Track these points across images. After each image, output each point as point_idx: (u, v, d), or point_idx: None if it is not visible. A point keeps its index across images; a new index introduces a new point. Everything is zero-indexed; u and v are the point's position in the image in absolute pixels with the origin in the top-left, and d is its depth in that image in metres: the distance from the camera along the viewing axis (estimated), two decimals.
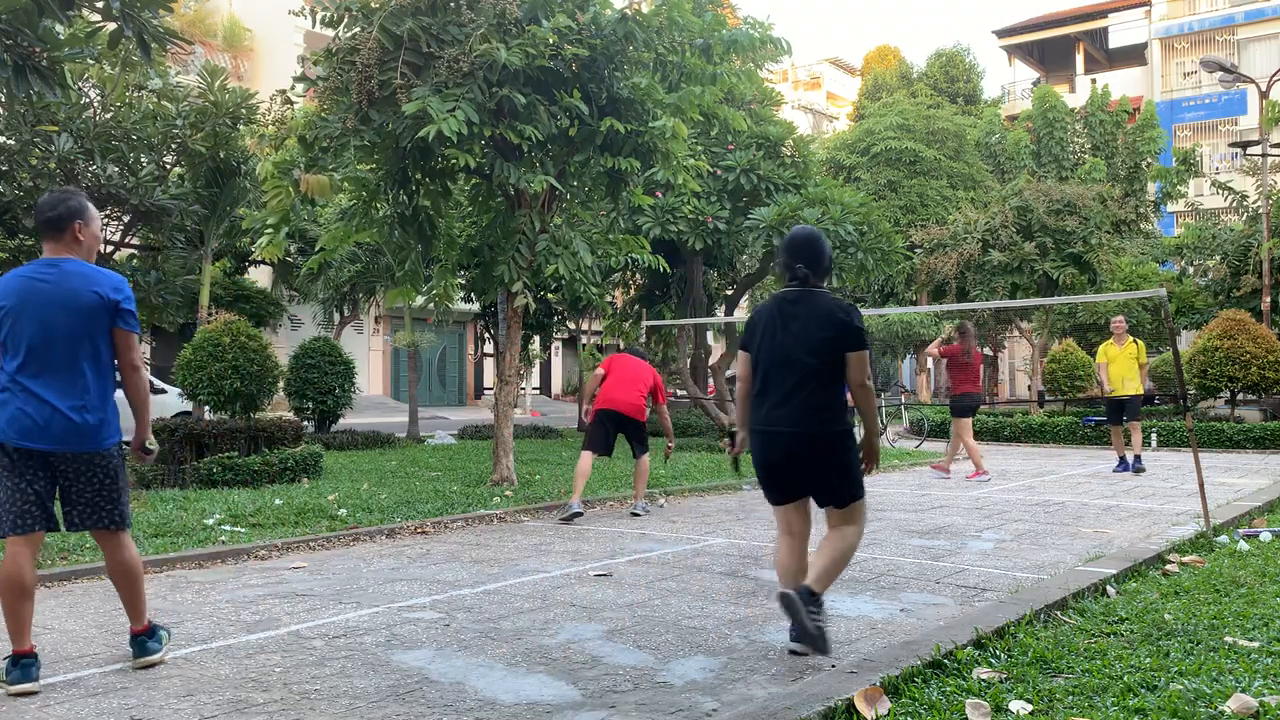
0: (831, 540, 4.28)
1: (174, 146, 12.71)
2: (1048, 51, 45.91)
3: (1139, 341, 12.44)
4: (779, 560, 4.37)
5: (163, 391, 15.12)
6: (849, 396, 4.30)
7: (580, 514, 8.31)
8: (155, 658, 4.10)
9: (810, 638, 3.96)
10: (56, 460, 3.91)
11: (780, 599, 4.08)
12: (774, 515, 4.43)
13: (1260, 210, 19.91)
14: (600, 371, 9.00)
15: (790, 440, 4.19)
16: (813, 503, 4.39)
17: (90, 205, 4.12)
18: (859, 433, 4.37)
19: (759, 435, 4.29)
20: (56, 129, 11.46)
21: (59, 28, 6.48)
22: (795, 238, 4.39)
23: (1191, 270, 22.97)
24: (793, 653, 4.17)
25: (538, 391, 37.87)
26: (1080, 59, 44.32)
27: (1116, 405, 12.41)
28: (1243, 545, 6.50)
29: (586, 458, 8.64)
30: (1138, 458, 12.49)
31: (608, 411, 8.76)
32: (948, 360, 11.97)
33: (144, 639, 4.12)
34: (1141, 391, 12.39)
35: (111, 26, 6.05)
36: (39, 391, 3.85)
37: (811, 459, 4.20)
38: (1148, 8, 41.88)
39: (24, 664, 3.78)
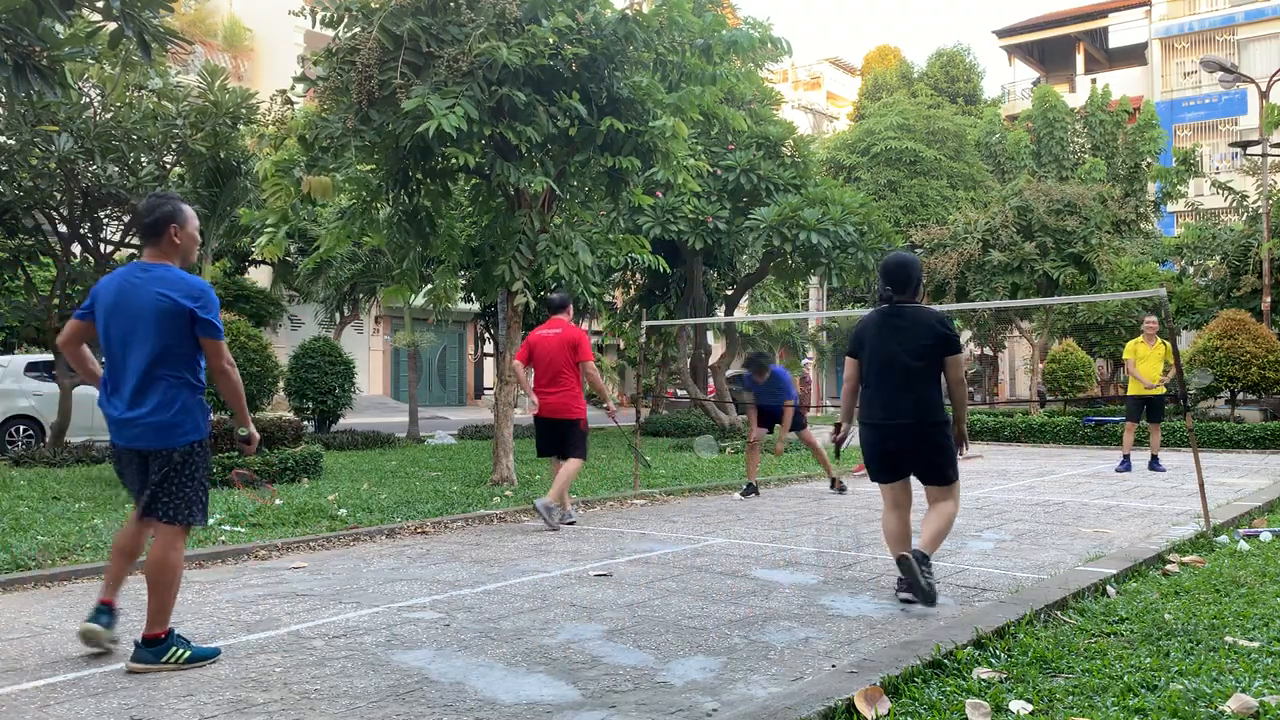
0: (934, 514, 5.11)
1: (174, 146, 12.72)
2: (1048, 51, 45.90)
3: (1168, 343, 12.39)
4: (888, 528, 5.17)
5: None
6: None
7: (574, 521, 8.13)
8: (149, 665, 3.98)
9: (921, 591, 4.85)
10: (145, 456, 4.11)
11: (899, 561, 4.91)
12: (881, 493, 5.24)
13: (1260, 210, 19.90)
14: (517, 364, 8.17)
15: (901, 430, 5.01)
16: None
17: (186, 208, 4.24)
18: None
19: (873, 428, 5.11)
20: (56, 129, 11.46)
21: (59, 27, 6.48)
22: (887, 263, 5.21)
23: (1191, 270, 22.95)
24: (904, 601, 5.01)
25: None
26: (1080, 59, 44.31)
27: (1139, 403, 12.40)
28: (1243, 545, 6.50)
29: (553, 464, 8.24)
30: (1156, 458, 12.47)
31: (540, 420, 8.15)
32: None
33: (143, 644, 4.02)
34: (1165, 391, 12.36)
35: (111, 26, 6.05)
36: (122, 391, 4.09)
37: (918, 445, 5.02)
38: (1148, 8, 41.85)
39: (99, 609, 4.17)
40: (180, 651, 4.04)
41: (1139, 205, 27.89)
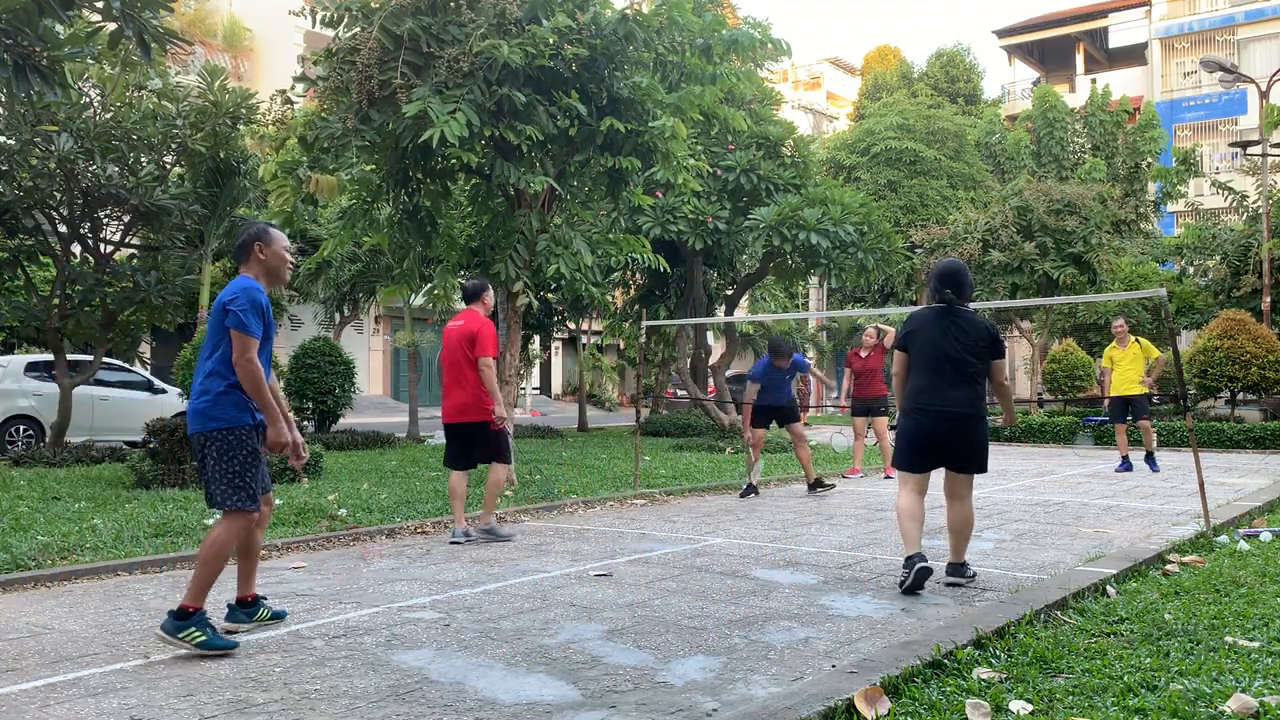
0: (957, 521, 5.55)
1: (174, 146, 12.72)
2: (1048, 51, 45.90)
3: (1142, 340, 12.36)
4: (909, 508, 5.44)
5: (163, 392, 15.14)
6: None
7: (468, 538, 7.15)
8: (168, 636, 4.19)
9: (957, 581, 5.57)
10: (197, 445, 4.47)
11: (919, 567, 5.30)
12: (906, 480, 5.54)
13: (1260, 210, 19.90)
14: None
15: (954, 419, 5.39)
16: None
17: (273, 230, 4.69)
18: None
19: (927, 416, 5.43)
20: (56, 129, 11.47)
21: (59, 27, 6.49)
22: (945, 268, 5.62)
23: (1191, 270, 22.96)
24: (905, 592, 5.35)
25: (538, 391, 37.87)
26: (1080, 59, 44.30)
27: (1121, 404, 12.37)
28: (1243, 545, 6.50)
29: (453, 477, 7.31)
30: (1151, 456, 12.40)
31: (445, 426, 7.36)
32: (870, 362, 11.96)
33: (174, 614, 4.23)
34: (1147, 390, 12.31)
35: (111, 26, 6.06)
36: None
37: (964, 436, 5.41)
38: (1148, 8, 41.85)
39: (232, 608, 4.68)
40: (196, 633, 4.20)
41: (1139, 205, 27.89)
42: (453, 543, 7.10)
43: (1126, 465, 12.42)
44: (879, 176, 32.09)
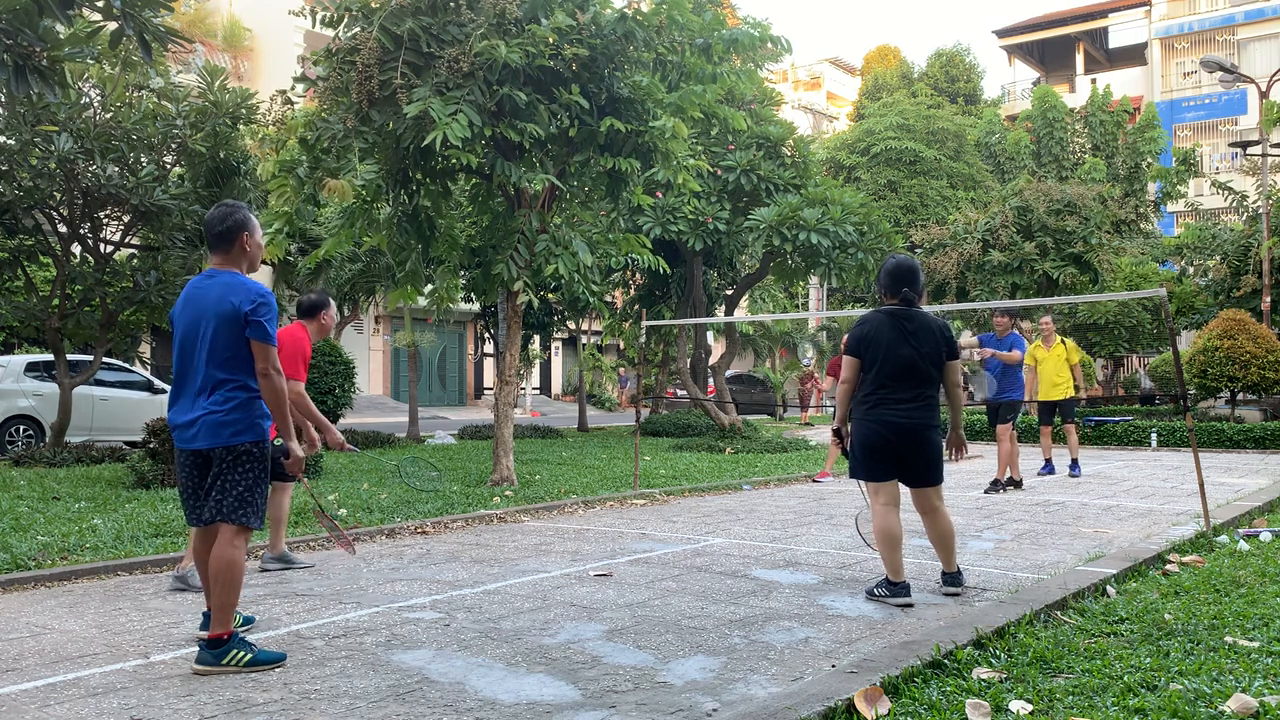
0: (937, 531, 5.34)
1: (174, 146, 12.71)
2: (1048, 51, 45.91)
3: (1068, 341, 12.07)
4: (891, 528, 5.20)
5: (163, 392, 15.14)
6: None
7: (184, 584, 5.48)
8: (212, 667, 3.96)
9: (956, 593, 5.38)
10: (205, 457, 4.14)
11: (902, 585, 5.15)
12: (875, 491, 5.28)
13: (1260, 210, 19.90)
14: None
15: (910, 431, 5.16)
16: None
17: (254, 216, 4.37)
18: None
19: (882, 425, 5.18)
20: (56, 129, 11.46)
21: (59, 27, 6.48)
22: (901, 265, 5.32)
23: (1191, 270, 22.95)
24: (902, 606, 5.12)
25: (538, 391, 37.88)
26: (1080, 59, 44.31)
27: (1048, 407, 12.02)
28: (1243, 545, 6.50)
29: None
30: (1075, 462, 12.15)
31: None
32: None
33: (207, 645, 4.00)
34: (1073, 394, 11.92)
35: (112, 26, 6.05)
36: (186, 394, 4.18)
37: (922, 446, 5.19)
38: (1148, 8, 41.87)
39: (205, 615, 4.29)
40: (241, 654, 3.99)
41: (1139, 205, 27.86)
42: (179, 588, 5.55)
43: (1049, 469, 12.26)
44: (879, 176, 32.10)
